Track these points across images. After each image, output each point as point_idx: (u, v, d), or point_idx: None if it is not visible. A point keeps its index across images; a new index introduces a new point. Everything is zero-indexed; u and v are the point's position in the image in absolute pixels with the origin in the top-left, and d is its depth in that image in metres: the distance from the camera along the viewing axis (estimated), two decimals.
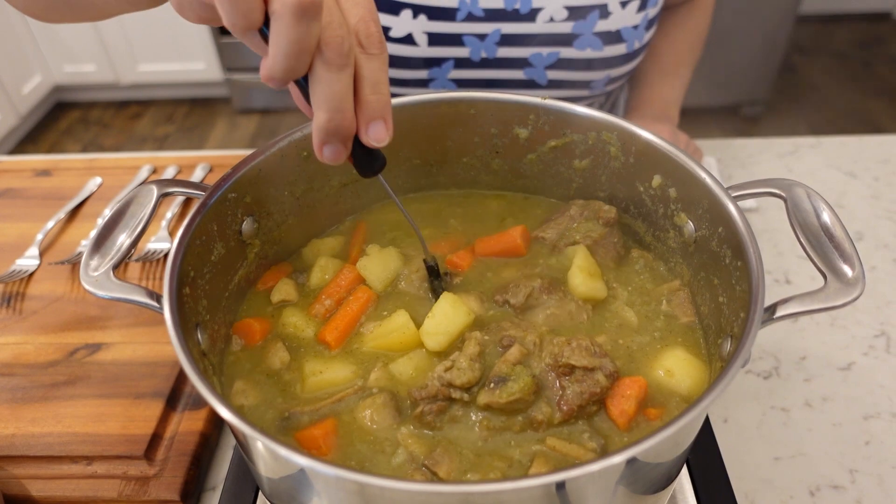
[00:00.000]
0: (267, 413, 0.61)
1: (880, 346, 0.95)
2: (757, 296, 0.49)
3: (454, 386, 0.59)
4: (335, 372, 0.63)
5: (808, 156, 1.31)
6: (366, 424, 0.59)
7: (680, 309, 0.70)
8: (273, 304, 0.72)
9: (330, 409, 0.60)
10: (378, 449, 0.58)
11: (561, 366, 0.60)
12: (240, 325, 0.69)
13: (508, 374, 0.59)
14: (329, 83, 0.47)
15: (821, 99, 3.95)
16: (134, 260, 1.03)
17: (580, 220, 0.77)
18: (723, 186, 0.60)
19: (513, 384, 0.58)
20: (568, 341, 0.61)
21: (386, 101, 0.51)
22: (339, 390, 0.62)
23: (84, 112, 4.19)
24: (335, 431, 0.59)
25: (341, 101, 0.48)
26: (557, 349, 0.61)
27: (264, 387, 0.64)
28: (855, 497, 0.78)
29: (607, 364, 0.60)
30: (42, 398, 0.84)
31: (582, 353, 0.60)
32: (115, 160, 1.28)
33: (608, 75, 1.12)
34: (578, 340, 0.61)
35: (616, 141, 0.72)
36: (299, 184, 0.73)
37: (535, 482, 0.39)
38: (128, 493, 0.75)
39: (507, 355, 0.60)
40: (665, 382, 0.63)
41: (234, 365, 0.66)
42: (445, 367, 0.60)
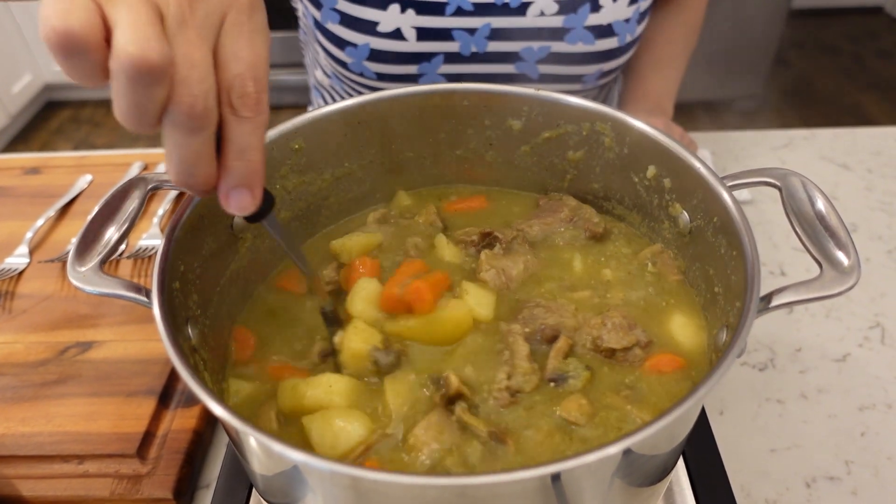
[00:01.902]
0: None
1: (875, 337, 0.95)
2: (752, 285, 0.49)
3: (522, 392, 0.59)
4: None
5: (801, 148, 1.31)
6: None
7: (667, 268, 0.72)
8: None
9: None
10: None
11: (602, 350, 0.62)
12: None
13: (565, 371, 0.60)
14: (177, 146, 0.41)
15: (813, 93, 3.97)
16: (125, 257, 1.03)
17: (567, 226, 0.78)
18: (717, 176, 0.60)
19: (574, 381, 0.59)
20: (603, 322, 0.63)
21: (254, 169, 0.45)
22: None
23: (75, 111, 4.16)
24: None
25: (192, 166, 0.42)
26: (596, 332, 0.63)
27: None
28: (850, 488, 0.78)
29: (641, 336, 0.63)
30: (33, 397, 0.83)
31: (618, 332, 0.62)
32: (105, 157, 1.27)
33: (600, 69, 1.11)
34: (612, 318, 0.63)
35: (610, 132, 0.72)
36: (291, 177, 0.73)
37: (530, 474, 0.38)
38: (120, 491, 0.74)
39: (557, 348, 0.61)
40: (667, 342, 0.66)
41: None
42: (507, 373, 0.60)
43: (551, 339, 0.63)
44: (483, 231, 0.75)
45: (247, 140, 0.44)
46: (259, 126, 0.44)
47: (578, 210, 0.78)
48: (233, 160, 0.44)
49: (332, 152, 0.75)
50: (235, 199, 0.46)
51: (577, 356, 0.63)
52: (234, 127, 0.43)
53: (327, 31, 1.06)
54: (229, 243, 0.66)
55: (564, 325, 0.64)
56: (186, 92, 0.39)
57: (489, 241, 0.75)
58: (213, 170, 0.44)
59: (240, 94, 0.42)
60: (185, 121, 0.40)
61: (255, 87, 0.43)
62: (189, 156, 0.42)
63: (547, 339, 0.64)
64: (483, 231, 0.75)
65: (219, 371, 0.62)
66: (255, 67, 0.43)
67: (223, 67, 0.42)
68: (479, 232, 0.75)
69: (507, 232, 0.75)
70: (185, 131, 0.41)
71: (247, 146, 0.44)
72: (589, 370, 0.61)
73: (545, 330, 0.64)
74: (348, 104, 0.72)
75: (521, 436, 0.56)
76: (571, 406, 0.57)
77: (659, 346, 0.65)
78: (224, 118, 0.43)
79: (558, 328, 0.64)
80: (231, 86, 0.42)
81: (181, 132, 0.41)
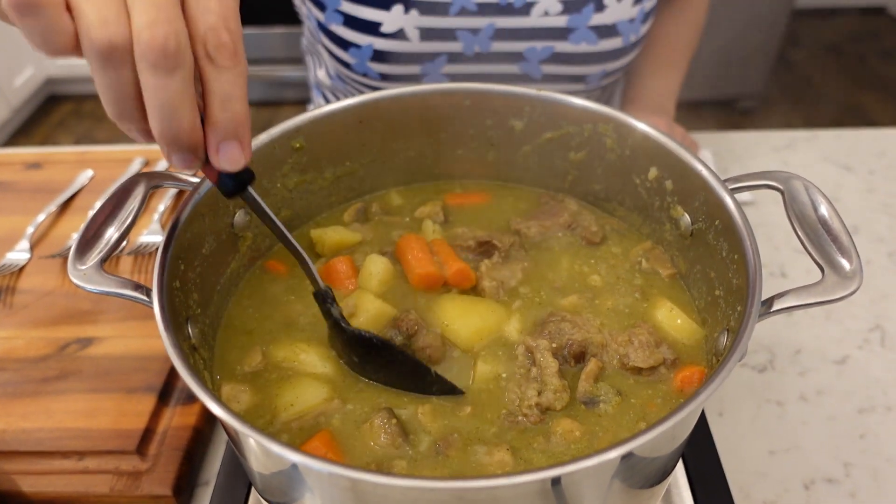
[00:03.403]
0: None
1: (875, 339, 0.95)
2: (754, 289, 0.49)
3: (553, 410, 0.59)
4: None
5: (803, 149, 1.31)
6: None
7: (659, 263, 0.72)
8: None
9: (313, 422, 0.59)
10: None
11: (629, 368, 0.62)
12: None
13: (596, 395, 0.60)
14: (155, 90, 0.41)
15: (815, 93, 3.96)
16: (126, 254, 1.02)
17: (565, 232, 0.78)
18: (720, 179, 0.60)
19: (605, 405, 0.59)
20: (630, 339, 0.63)
21: (240, 119, 0.45)
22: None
23: (77, 104, 4.15)
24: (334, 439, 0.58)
25: (174, 110, 0.42)
26: (623, 350, 0.63)
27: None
28: (849, 490, 0.78)
29: (668, 354, 0.63)
30: (33, 393, 0.83)
31: (644, 351, 0.62)
32: (106, 153, 1.26)
33: (604, 69, 1.11)
34: (638, 336, 0.63)
35: (612, 133, 0.72)
36: (292, 176, 0.73)
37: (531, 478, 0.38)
38: (119, 488, 0.74)
39: (588, 371, 0.61)
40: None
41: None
42: (537, 390, 0.59)
43: (578, 355, 0.63)
44: (480, 240, 0.75)
45: (229, 90, 0.44)
46: (240, 76, 0.44)
47: (578, 216, 0.78)
48: (218, 113, 0.44)
49: (334, 151, 0.75)
50: (225, 153, 0.45)
51: (606, 376, 0.62)
52: (214, 78, 0.43)
53: (331, 32, 1.06)
54: (230, 242, 0.66)
55: (592, 341, 0.64)
56: (156, 31, 0.39)
57: (487, 249, 0.75)
58: (196, 117, 0.43)
59: (215, 44, 0.42)
60: (156, 59, 0.40)
61: (230, 36, 0.43)
62: (170, 98, 0.41)
63: (574, 356, 0.63)
64: (480, 240, 0.75)
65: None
66: (226, 19, 0.43)
67: (195, 22, 0.42)
68: (476, 240, 0.75)
69: (505, 239, 0.75)
70: (162, 72, 0.40)
71: (230, 96, 0.44)
72: (620, 395, 0.60)
73: (572, 346, 0.63)
74: (350, 103, 0.72)
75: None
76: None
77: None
78: (203, 72, 0.43)
79: (585, 344, 0.63)
80: (206, 38, 0.42)
81: (159, 75, 0.40)
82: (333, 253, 0.75)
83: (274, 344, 0.65)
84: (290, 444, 0.55)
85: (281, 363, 0.64)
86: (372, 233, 0.78)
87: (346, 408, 0.60)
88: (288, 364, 0.64)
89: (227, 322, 0.67)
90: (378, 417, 0.57)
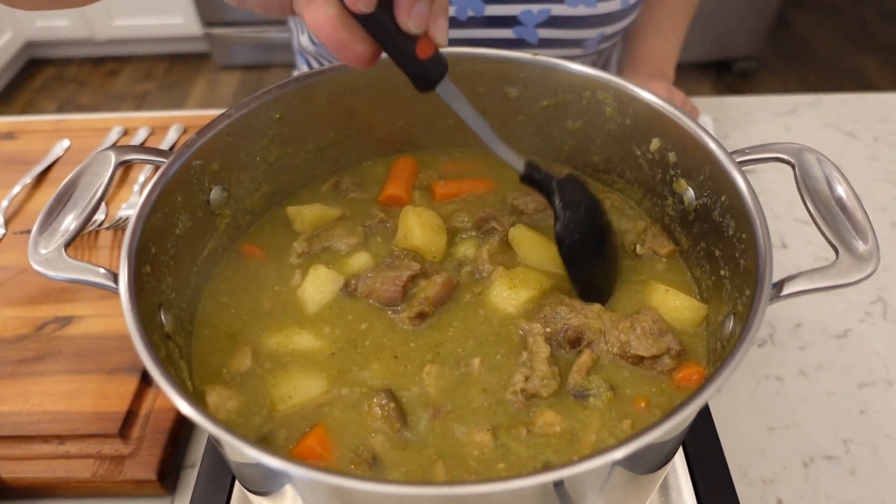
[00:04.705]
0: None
1: (877, 312, 0.93)
2: (764, 273, 0.46)
3: (539, 397, 0.57)
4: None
5: (806, 115, 1.27)
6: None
7: (657, 244, 0.69)
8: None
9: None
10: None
11: (630, 357, 0.59)
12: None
13: (587, 388, 0.57)
14: None
15: (814, 55, 3.89)
16: (105, 228, 0.99)
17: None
18: (727, 152, 0.56)
19: (595, 400, 0.57)
20: (632, 326, 0.59)
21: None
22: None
23: (59, 69, 4.05)
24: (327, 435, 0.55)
25: None
26: (624, 336, 0.59)
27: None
28: (848, 467, 0.76)
29: (672, 343, 0.59)
30: (10, 375, 0.80)
31: (648, 339, 0.59)
32: (83, 121, 1.21)
33: (602, 33, 1.06)
34: (641, 323, 0.59)
35: (612, 101, 0.68)
36: (272, 149, 0.69)
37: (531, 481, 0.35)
38: (102, 473, 0.72)
39: (581, 363, 0.58)
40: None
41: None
42: (524, 375, 0.57)
43: (574, 341, 0.60)
44: (480, 216, 0.71)
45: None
46: None
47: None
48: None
49: (317, 122, 0.71)
50: (437, 25, 0.46)
51: (600, 368, 0.59)
52: None
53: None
54: (206, 220, 0.63)
55: (589, 327, 0.60)
56: None
57: (488, 229, 0.71)
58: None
59: None
60: None
61: None
62: None
63: (569, 341, 0.60)
64: (480, 216, 0.71)
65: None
66: None
67: None
68: (474, 219, 0.72)
69: (505, 220, 0.71)
70: None
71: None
72: (612, 391, 0.57)
73: (568, 331, 0.60)
74: (330, 70, 0.67)
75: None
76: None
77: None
78: None
79: (581, 330, 0.60)
80: None
81: None
82: (313, 229, 0.72)
83: (265, 333, 0.62)
84: (289, 438, 0.54)
85: (275, 351, 0.61)
86: (350, 208, 0.75)
87: (341, 392, 0.58)
88: (282, 349, 0.61)
89: (204, 320, 0.63)
90: (377, 398, 0.56)
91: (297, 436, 0.54)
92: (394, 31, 0.48)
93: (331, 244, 0.70)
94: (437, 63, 0.51)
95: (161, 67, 4.03)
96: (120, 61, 4.08)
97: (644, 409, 0.56)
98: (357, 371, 0.59)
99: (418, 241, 0.67)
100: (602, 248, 0.64)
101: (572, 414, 0.56)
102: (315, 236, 0.71)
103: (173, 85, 3.89)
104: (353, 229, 0.71)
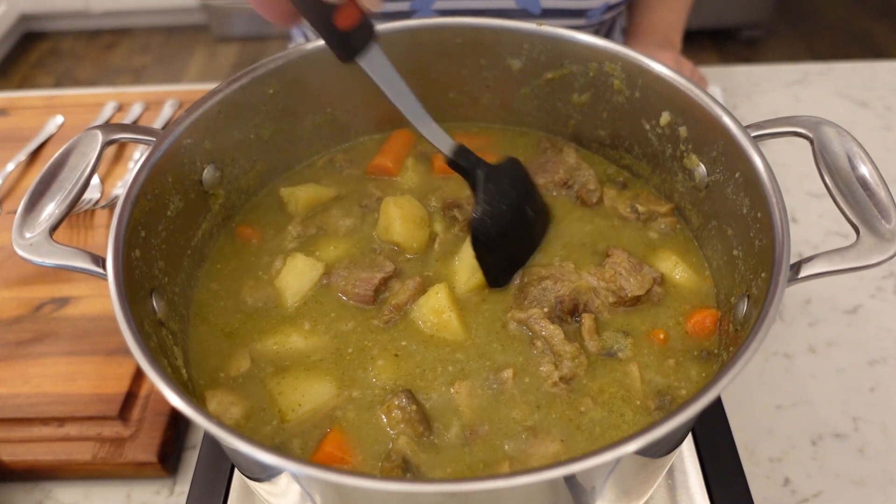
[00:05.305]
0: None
1: (889, 287, 0.91)
2: (781, 255, 0.44)
3: (577, 377, 0.56)
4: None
5: (816, 83, 1.24)
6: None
7: (654, 203, 0.68)
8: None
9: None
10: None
11: (627, 300, 0.59)
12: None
13: (609, 347, 0.58)
14: None
15: (822, 21, 3.80)
16: (101, 207, 0.97)
17: (560, 190, 0.72)
18: (742, 126, 0.53)
19: (623, 352, 0.57)
20: (615, 272, 0.60)
21: None
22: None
23: (55, 42, 3.99)
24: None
25: None
26: (615, 284, 0.59)
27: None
28: (857, 445, 0.75)
29: (652, 272, 0.60)
30: (7, 357, 0.79)
31: (635, 277, 0.59)
32: (76, 97, 1.19)
33: (606, 2, 1.03)
34: (620, 265, 0.59)
35: (620, 73, 0.65)
36: (266, 125, 0.66)
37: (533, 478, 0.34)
38: (102, 455, 0.72)
39: (587, 330, 0.58)
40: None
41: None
42: (553, 363, 0.56)
43: (572, 309, 0.59)
44: (446, 202, 0.69)
45: None
46: None
47: (576, 172, 0.72)
48: None
49: (313, 96, 0.69)
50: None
51: (603, 324, 0.59)
52: None
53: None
54: (199, 201, 0.61)
55: (579, 289, 0.59)
56: None
57: (451, 216, 0.69)
58: None
59: None
60: None
61: None
62: None
63: (568, 311, 0.59)
64: (446, 202, 0.69)
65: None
66: None
67: None
68: (441, 204, 0.69)
69: (469, 210, 0.67)
70: None
71: None
72: (628, 336, 0.58)
73: (563, 302, 0.59)
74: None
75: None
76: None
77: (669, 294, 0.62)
78: None
79: (575, 295, 0.59)
80: None
81: None
82: (308, 211, 0.70)
83: (260, 335, 0.60)
84: (304, 447, 0.52)
85: (275, 354, 0.59)
86: (346, 186, 0.73)
87: (352, 394, 0.56)
88: (281, 349, 0.59)
89: (200, 315, 0.61)
90: (397, 400, 0.53)
91: (313, 444, 0.52)
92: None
93: (326, 226, 0.68)
94: (361, 32, 0.46)
95: (158, 40, 3.97)
96: (116, 34, 4.02)
97: (664, 341, 0.57)
98: (363, 373, 0.57)
99: (398, 236, 0.65)
100: (520, 236, 0.63)
101: (611, 373, 0.56)
102: (310, 218, 0.69)
103: (171, 57, 3.84)
104: (348, 210, 0.69)
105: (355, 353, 0.58)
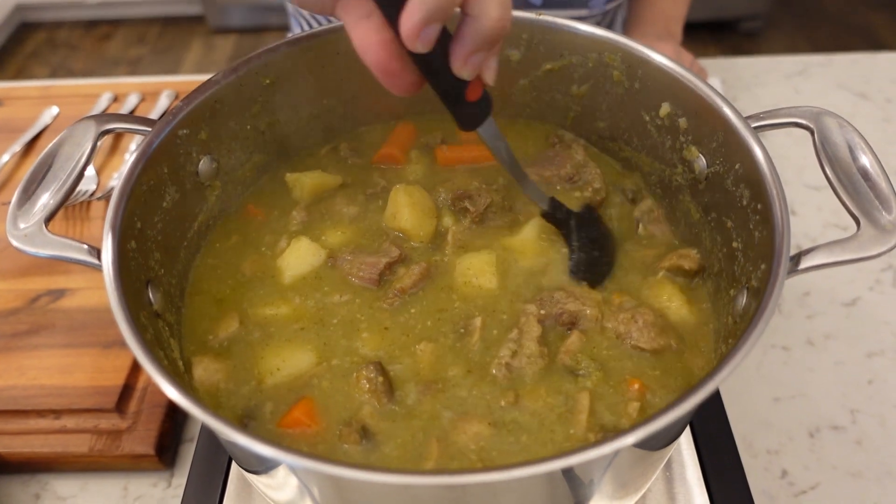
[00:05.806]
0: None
1: (887, 280, 0.91)
2: (781, 246, 0.43)
3: (524, 373, 0.56)
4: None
5: (817, 75, 1.23)
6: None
7: (657, 228, 0.68)
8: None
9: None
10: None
11: (631, 347, 0.58)
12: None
13: (576, 368, 0.56)
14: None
15: (822, 13, 3.79)
16: (97, 198, 0.96)
17: (565, 185, 0.71)
18: (742, 117, 0.53)
19: (584, 380, 0.55)
20: (633, 317, 0.58)
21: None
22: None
23: (50, 33, 3.96)
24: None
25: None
26: (623, 328, 0.58)
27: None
28: (855, 438, 0.76)
29: (673, 344, 0.57)
30: (3, 349, 0.79)
31: (650, 332, 0.57)
32: (72, 87, 1.18)
33: None
34: (644, 315, 0.57)
35: (620, 64, 0.65)
36: (263, 116, 0.66)
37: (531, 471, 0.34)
38: (99, 447, 0.72)
39: (568, 344, 0.57)
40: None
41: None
42: (511, 351, 0.56)
43: (568, 325, 0.59)
44: (455, 193, 0.68)
45: None
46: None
47: (583, 169, 0.71)
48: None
49: (310, 87, 0.68)
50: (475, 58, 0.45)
51: (592, 353, 0.58)
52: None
53: None
54: (196, 192, 0.60)
55: (584, 314, 0.59)
56: None
57: (462, 208, 0.68)
58: None
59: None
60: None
61: None
62: None
63: (564, 325, 0.59)
64: (455, 193, 0.68)
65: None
66: None
67: None
68: (450, 196, 0.68)
69: (480, 201, 0.67)
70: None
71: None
72: (602, 371, 0.56)
73: (563, 315, 0.59)
74: (324, 33, 0.64)
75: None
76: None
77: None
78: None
79: (577, 316, 0.59)
80: None
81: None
82: (312, 198, 0.69)
83: (251, 302, 0.61)
84: (275, 411, 0.53)
85: (263, 319, 0.60)
86: (351, 175, 0.72)
87: (332, 363, 0.56)
88: (270, 315, 0.60)
89: (194, 286, 0.61)
90: (366, 371, 0.55)
91: (284, 408, 0.54)
92: (445, 73, 0.47)
93: (331, 213, 0.68)
94: (483, 103, 0.51)
95: (154, 30, 3.95)
96: (113, 24, 3.99)
97: (639, 390, 0.55)
98: (346, 342, 0.58)
99: (406, 223, 0.65)
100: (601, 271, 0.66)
101: (561, 390, 0.55)
102: (314, 204, 0.69)
103: (167, 49, 3.82)
104: (353, 198, 0.69)
105: (339, 325, 0.59)
